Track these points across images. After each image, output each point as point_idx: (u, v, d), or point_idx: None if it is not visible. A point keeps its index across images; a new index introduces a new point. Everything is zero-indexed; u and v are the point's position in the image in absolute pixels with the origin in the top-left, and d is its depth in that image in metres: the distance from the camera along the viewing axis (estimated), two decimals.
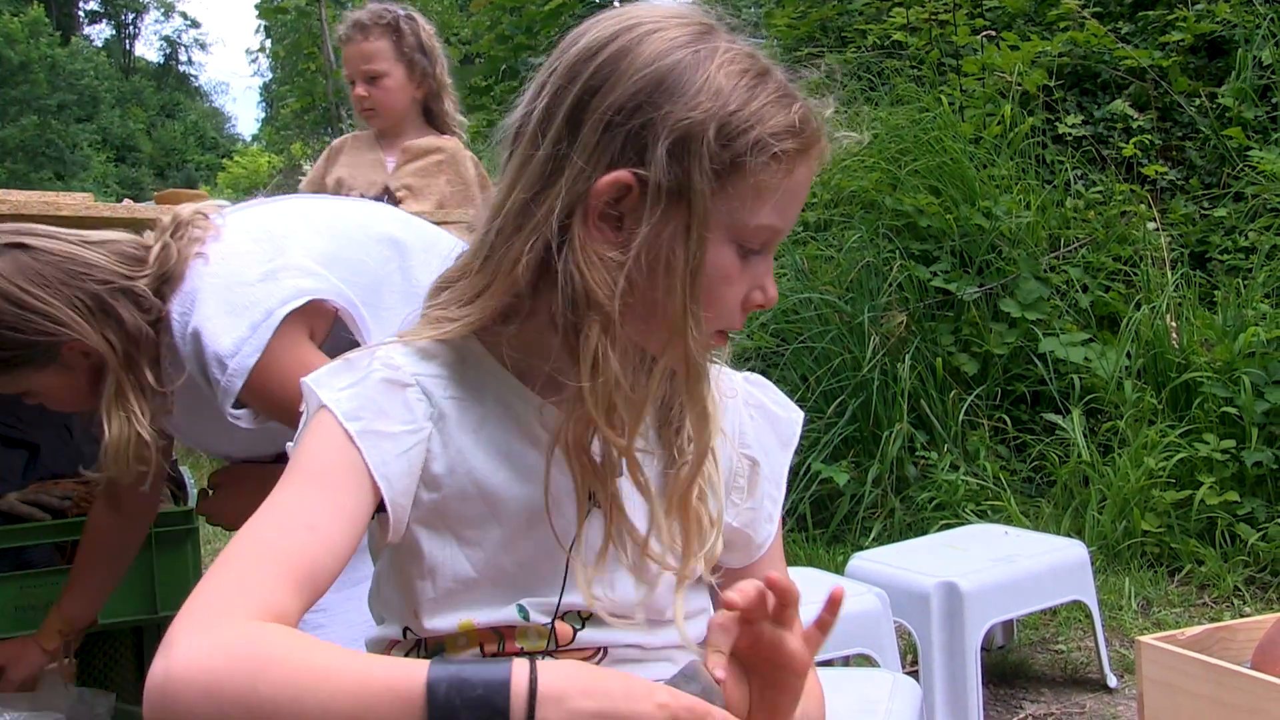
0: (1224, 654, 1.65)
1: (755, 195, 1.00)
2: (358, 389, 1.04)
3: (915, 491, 4.23)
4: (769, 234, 1.03)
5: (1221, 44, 5.61)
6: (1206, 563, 3.64)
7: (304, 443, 1.03)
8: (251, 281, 1.71)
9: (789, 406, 1.24)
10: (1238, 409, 3.90)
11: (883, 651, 2.49)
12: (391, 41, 3.17)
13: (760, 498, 1.19)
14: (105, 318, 1.69)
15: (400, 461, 1.03)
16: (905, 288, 4.68)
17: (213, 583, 0.91)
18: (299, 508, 0.98)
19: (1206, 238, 4.95)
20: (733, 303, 1.04)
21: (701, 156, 0.98)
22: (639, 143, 0.99)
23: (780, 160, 1.00)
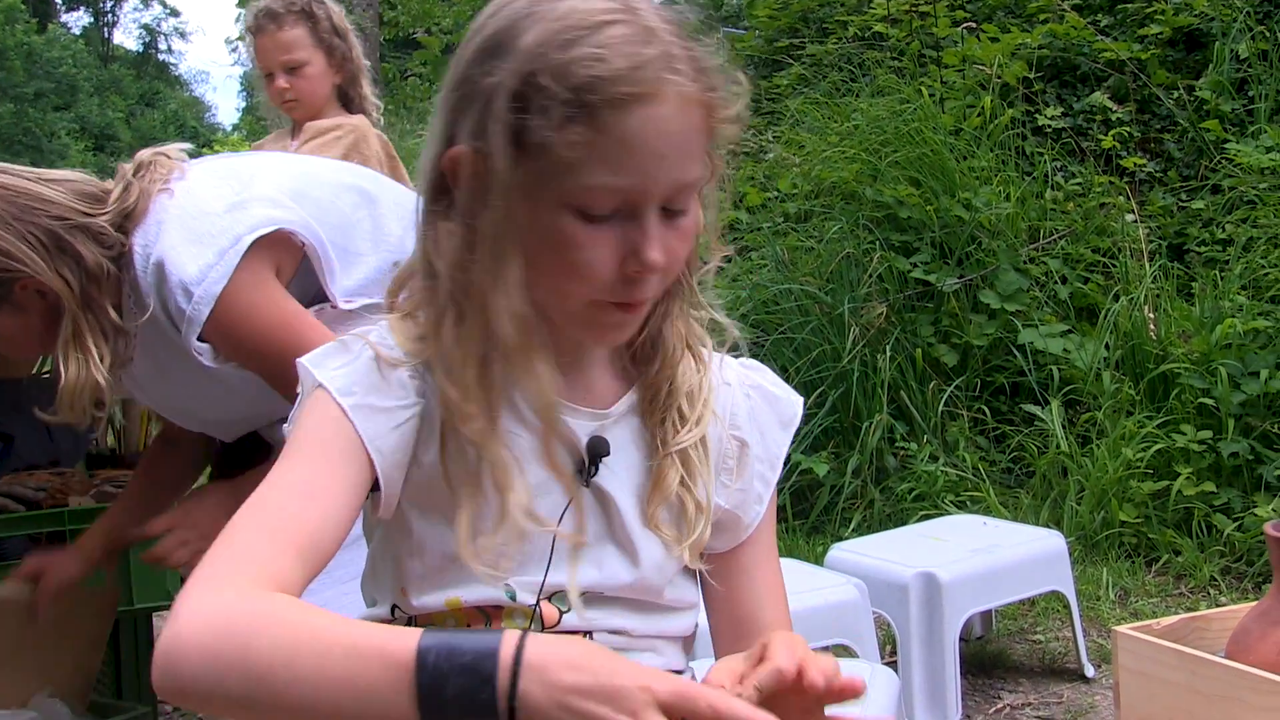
0: (1199, 643, 1.66)
1: (572, 156, 0.96)
2: (351, 367, 1.06)
3: (895, 482, 4.24)
4: (614, 195, 0.97)
5: (1199, 37, 5.63)
6: (1183, 553, 3.66)
7: (301, 421, 1.05)
8: (218, 211, 1.67)
9: (788, 390, 1.23)
10: (1214, 400, 3.93)
11: (861, 642, 2.50)
12: (308, 28, 2.98)
13: (750, 478, 1.18)
14: (62, 255, 1.63)
15: (393, 435, 1.05)
16: (885, 279, 4.69)
17: (217, 554, 0.94)
18: (298, 478, 1.01)
19: (1184, 230, 4.98)
20: (600, 270, 0.99)
21: (499, 122, 0.97)
22: (460, 115, 1.01)
23: (591, 115, 0.95)
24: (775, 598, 1.20)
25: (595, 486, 1.11)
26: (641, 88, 0.95)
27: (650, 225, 0.99)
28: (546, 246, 1.00)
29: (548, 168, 0.97)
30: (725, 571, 1.18)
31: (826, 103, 5.75)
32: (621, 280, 1.00)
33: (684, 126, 0.98)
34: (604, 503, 1.11)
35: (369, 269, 1.83)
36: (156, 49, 49.14)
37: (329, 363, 1.06)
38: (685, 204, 1.02)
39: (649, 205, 0.99)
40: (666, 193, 0.99)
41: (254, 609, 0.88)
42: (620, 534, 1.11)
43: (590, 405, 1.12)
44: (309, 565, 0.96)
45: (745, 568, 1.19)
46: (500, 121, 0.97)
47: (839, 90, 5.88)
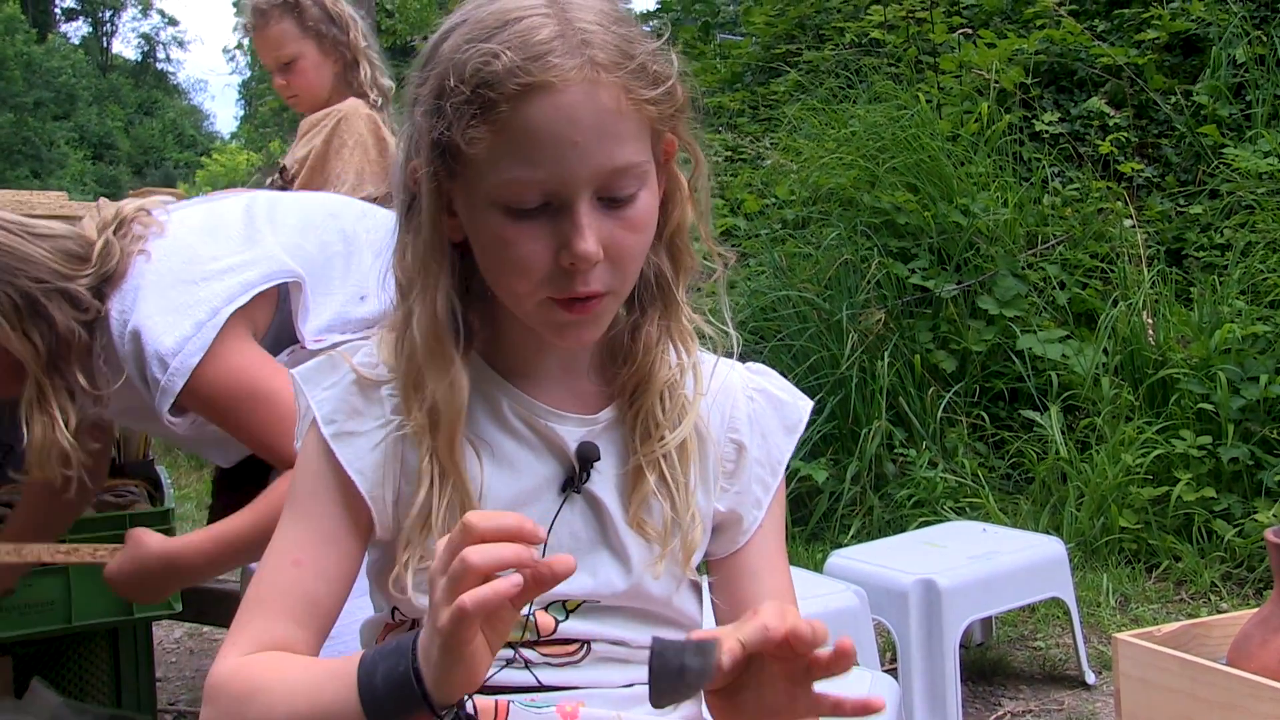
0: (1200, 650, 1.66)
1: (484, 155, 0.97)
2: (334, 391, 1.11)
3: (894, 489, 4.23)
4: (533, 188, 0.98)
5: (1196, 42, 5.64)
6: (1183, 559, 3.65)
7: (296, 465, 1.13)
8: (195, 279, 1.68)
9: (796, 394, 1.22)
10: (1214, 405, 3.93)
11: (861, 649, 2.49)
12: (294, 20, 2.94)
13: (748, 481, 1.17)
14: (35, 318, 1.64)
15: (374, 455, 1.09)
16: (883, 285, 4.69)
17: (232, 628, 1.06)
18: (287, 545, 1.09)
19: (1182, 234, 4.98)
20: (535, 264, 0.99)
21: (421, 132, 1.01)
22: (409, 130, 1.05)
23: (483, 113, 0.96)
24: (784, 602, 1.18)
25: (587, 492, 1.11)
26: (538, 77, 0.95)
27: (580, 215, 0.98)
28: (486, 247, 1.02)
29: (469, 170, 0.99)
30: (729, 575, 1.18)
31: (824, 109, 5.76)
32: (560, 274, 1.00)
33: (596, 110, 0.97)
34: (596, 509, 1.11)
35: (338, 304, 1.85)
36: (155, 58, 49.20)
37: (320, 380, 1.11)
38: (625, 191, 1.01)
39: (576, 194, 0.98)
40: (593, 180, 0.98)
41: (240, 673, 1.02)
42: (613, 540, 1.11)
43: (579, 412, 1.12)
44: (311, 623, 1.06)
45: (752, 571, 1.18)
46: (421, 131, 1.01)
47: (836, 97, 5.89)
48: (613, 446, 1.12)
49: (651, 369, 1.11)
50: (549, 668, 1.09)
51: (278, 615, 1.05)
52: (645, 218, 1.04)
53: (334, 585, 1.08)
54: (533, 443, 1.11)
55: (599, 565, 1.10)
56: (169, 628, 3.66)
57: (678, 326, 1.13)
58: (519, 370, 1.12)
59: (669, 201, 1.10)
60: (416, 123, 1.03)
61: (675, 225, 1.11)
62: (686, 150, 1.10)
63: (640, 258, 1.06)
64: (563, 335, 1.06)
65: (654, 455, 1.10)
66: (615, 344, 1.13)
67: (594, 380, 1.14)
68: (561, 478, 1.10)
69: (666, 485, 1.11)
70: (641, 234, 1.04)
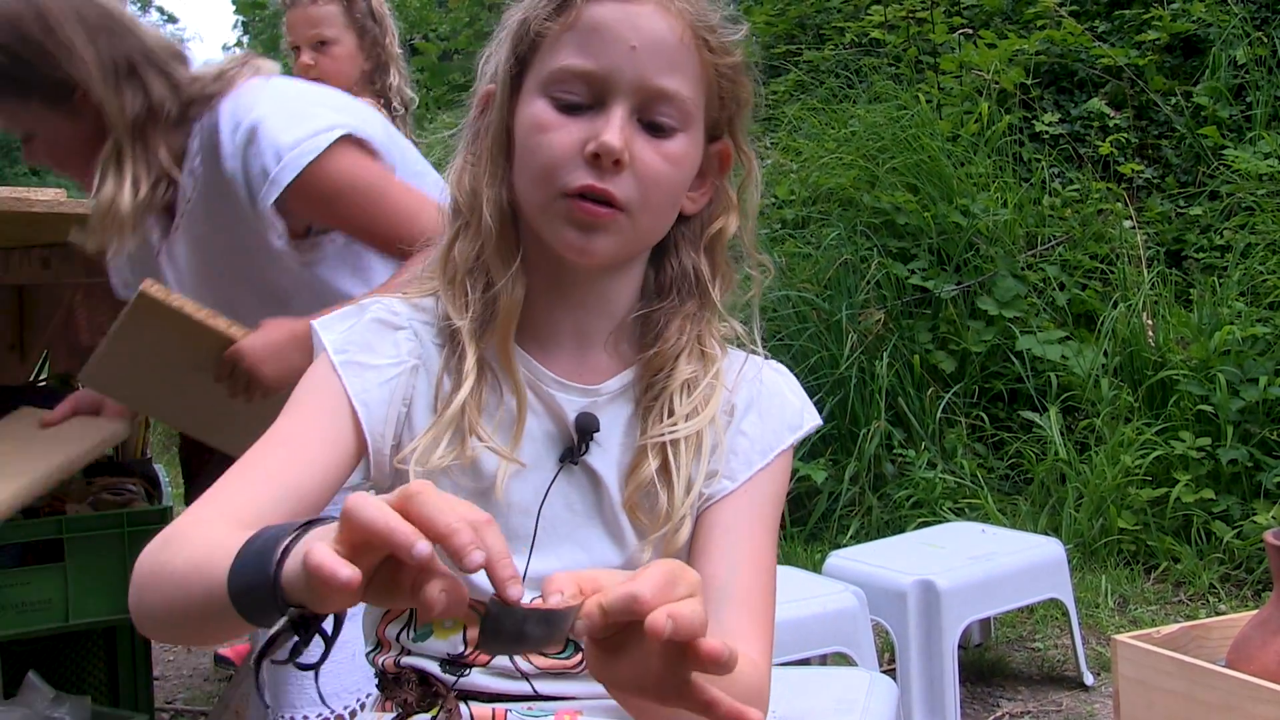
0: (1199, 652, 1.65)
1: (550, 43, 1.05)
2: (351, 328, 1.10)
3: (893, 489, 4.23)
4: (575, 77, 1.03)
5: (1196, 43, 5.64)
6: (1182, 560, 3.65)
7: (301, 381, 1.10)
8: (314, 102, 1.75)
9: (808, 404, 1.20)
10: (1213, 407, 3.92)
11: (860, 650, 2.49)
12: (342, 6, 2.95)
13: (727, 451, 1.12)
14: (131, 81, 1.69)
15: (380, 390, 1.08)
16: (883, 285, 4.69)
17: (205, 495, 1.01)
18: (278, 430, 1.06)
19: (1182, 236, 4.98)
20: (563, 148, 1.03)
21: (506, 30, 1.08)
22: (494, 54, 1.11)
23: (562, 6, 1.04)
24: (751, 573, 1.10)
25: (585, 465, 1.10)
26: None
27: (615, 114, 1.03)
28: (525, 137, 1.06)
29: (535, 59, 1.06)
30: (701, 533, 1.11)
31: (824, 109, 5.75)
32: (583, 165, 1.03)
33: (660, 29, 1.04)
34: (594, 481, 1.10)
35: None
36: None
37: (337, 325, 1.11)
38: (666, 119, 1.05)
39: (617, 95, 1.03)
40: (637, 89, 1.03)
41: (168, 531, 0.97)
42: (608, 514, 1.10)
43: (582, 382, 1.11)
44: (288, 506, 1.00)
45: (726, 528, 1.11)
46: (507, 29, 1.08)
47: (836, 97, 5.88)
48: (616, 421, 1.11)
49: (676, 359, 1.11)
50: (546, 678, 1.08)
51: (255, 492, 1.00)
52: (679, 156, 1.07)
53: (319, 481, 1.03)
54: (534, 408, 1.10)
55: (592, 540, 1.10)
56: None
57: (710, 328, 1.14)
58: (532, 333, 1.11)
59: (714, 206, 1.14)
60: (504, 34, 1.09)
61: (717, 230, 1.14)
62: (740, 157, 1.14)
63: (665, 194, 1.07)
64: (572, 241, 1.04)
65: (661, 440, 1.08)
66: (644, 324, 1.13)
67: (611, 355, 1.13)
68: (560, 447, 1.10)
69: (666, 474, 1.09)
70: (672, 168, 1.06)
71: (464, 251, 1.10)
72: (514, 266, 1.08)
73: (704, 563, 1.09)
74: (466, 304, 1.08)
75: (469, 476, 1.07)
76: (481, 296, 1.08)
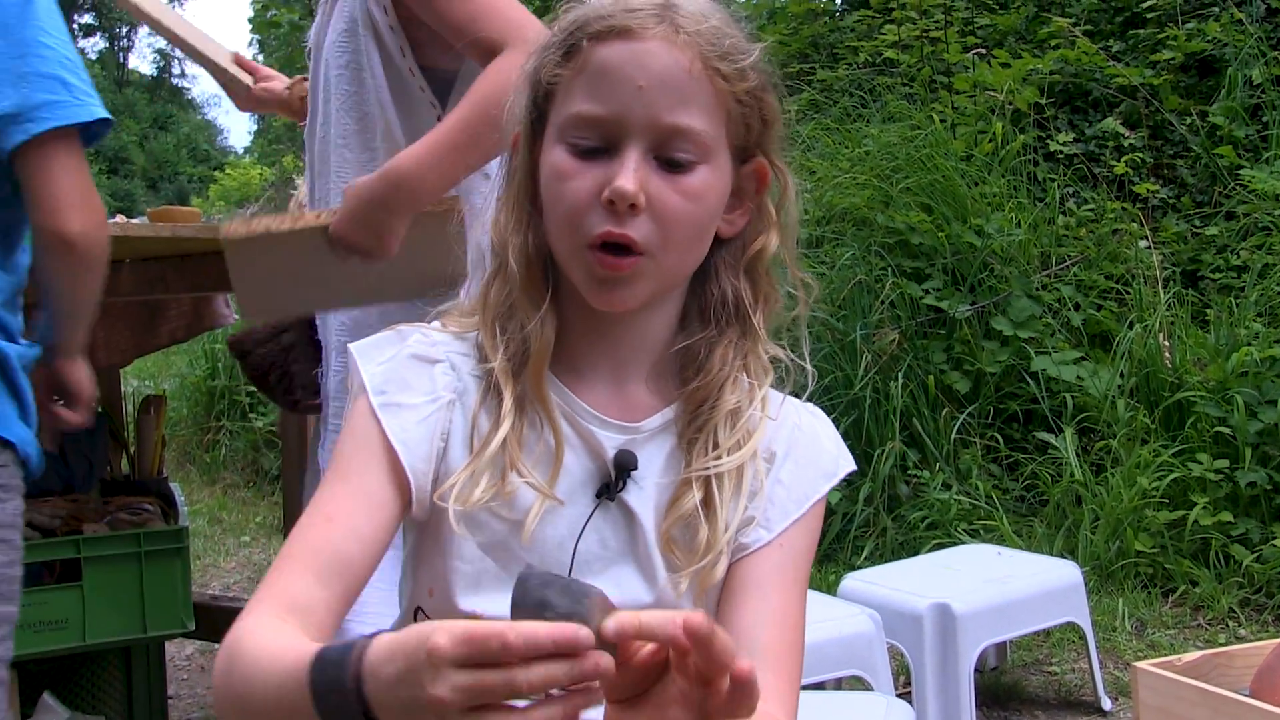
0: (1222, 681, 1.64)
1: (563, 90, 1.06)
2: (390, 364, 1.10)
3: (907, 510, 4.22)
4: (587, 123, 1.04)
5: (1212, 62, 5.63)
6: (1201, 584, 3.63)
7: (342, 432, 1.11)
8: None
9: (843, 449, 1.19)
10: (1231, 429, 3.90)
11: (875, 673, 2.47)
12: None
13: (764, 500, 1.11)
14: None
15: (419, 429, 1.08)
16: (897, 305, 4.68)
17: (263, 580, 1.02)
18: (321, 503, 1.06)
19: (1198, 256, 4.96)
20: (580, 197, 1.03)
21: (526, 78, 1.10)
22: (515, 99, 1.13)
23: (570, 52, 1.05)
24: (780, 628, 1.09)
25: (621, 502, 1.09)
26: (620, 22, 1.04)
27: (628, 158, 1.03)
28: (547, 185, 1.07)
29: (550, 105, 1.07)
30: (732, 584, 1.11)
31: (837, 128, 5.75)
32: (601, 212, 1.03)
33: (668, 64, 1.03)
34: (628, 518, 1.09)
35: None
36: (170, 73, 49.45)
37: (376, 355, 1.11)
38: (683, 154, 1.04)
39: (629, 138, 1.03)
40: (649, 129, 1.03)
41: (231, 641, 0.96)
42: (641, 551, 1.09)
43: (624, 419, 1.11)
44: (336, 582, 1.01)
45: (758, 582, 1.10)
46: (525, 75, 1.10)
47: (850, 116, 5.89)
48: (655, 458, 1.11)
49: (720, 389, 1.10)
50: None
51: (302, 572, 1.01)
52: (700, 190, 1.05)
53: (366, 545, 1.04)
54: (572, 443, 1.09)
55: (624, 578, 1.09)
56: (180, 645, 3.65)
57: (754, 355, 1.13)
58: (571, 367, 1.11)
59: (753, 226, 1.13)
60: (519, 85, 1.11)
61: (756, 251, 1.13)
62: (776, 173, 1.13)
63: (688, 231, 1.06)
64: (599, 294, 1.06)
65: (706, 474, 1.08)
66: (685, 356, 1.12)
67: (650, 389, 1.13)
68: (597, 483, 1.09)
69: (709, 507, 1.08)
70: (693, 204, 1.05)
71: (497, 296, 1.11)
72: (542, 309, 1.08)
73: (734, 619, 1.09)
74: (500, 345, 1.09)
75: (505, 509, 1.07)
76: (516, 336, 1.09)
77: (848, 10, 7.54)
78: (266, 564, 2.54)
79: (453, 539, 1.07)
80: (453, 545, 1.08)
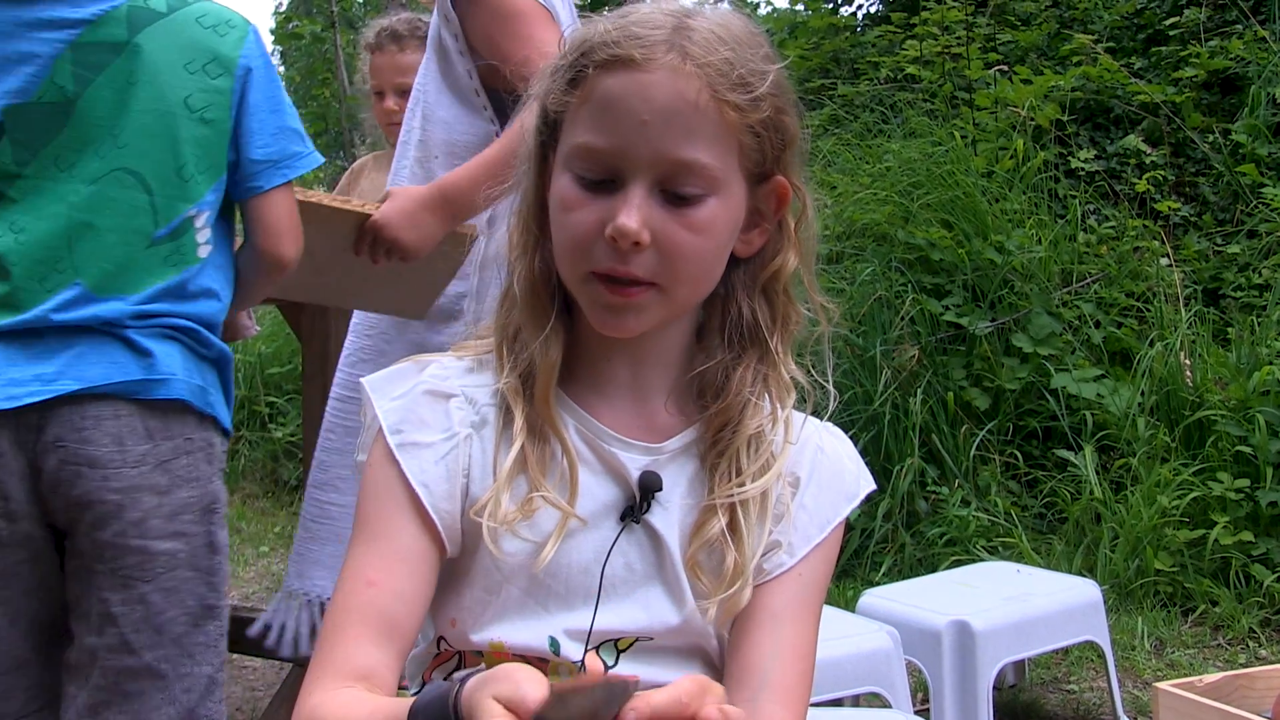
0: (1243, 703, 1.63)
1: (570, 119, 1.05)
2: (404, 401, 1.09)
3: (926, 526, 4.20)
4: (593, 156, 1.02)
5: (1235, 80, 5.61)
6: (1221, 603, 3.60)
7: (363, 482, 1.10)
8: None
9: (863, 470, 1.19)
10: (1252, 448, 3.88)
11: (894, 690, 2.46)
12: None
13: (789, 525, 1.12)
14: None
15: (438, 468, 1.07)
16: (917, 321, 4.67)
17: (316, 653, 1.05)
18: (359, 567, 1.06)
19: (1220, 274, 4.94)
20: (584, 230, 1.03)
21: (534, 98, 1.09)
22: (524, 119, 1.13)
23: (576, 80, 1.03)
24: (792, 661, 1.10)
25: (646, 523, 1.09)
26: (626, 51, 1.00)
27: (632, 194, 1.01)
28: (554, 212, 1.06)
29: (556, 132, 1.06)
30: (750, 612, 1.11)
31: (858, 144, 5.76)
32: (604, 247, 1.02)
33: (672, 97, 1.00)
34: (654, 541, 1.09)
35: None
36: None
37: (389, 390, 1.10)
38: (688, 189, 1.02)
39: (634, 173, 1.01)
40: (654, 164, 1.01)
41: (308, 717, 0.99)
42: (669, 573, 1.09)
43: (645, 439, 1.10)
44: (391, 643, 1.03)
45: (774, 613, 1.11)
46: (533, 97, 1.09)
47: (871, 132, 5.89)
48: (679, 479, 1.10)
49: (742, 412, 1.09)
50: None
51: (357, 640, 1.03)
52: (707, 223, 1.03)
53: (410, 604, 1.05)
54: (594, 466, 1.09)
55: (651, 600, 1.08)
56: None
57: (775, 376, 1.12)
58: (590, 388, 1.11)
59: (770, 246, 1.11)
60: (528, 105, 1.11)
61: (773, 271, 1.11)
62: (795, 193, 1.10)
63: (698, 265, 1.05)
64: (603, 320, 1.06)
65: (730, 501, 1.08)
66: (705, 379, 1.11)
67: (671, 410, 1.12)
68: (621, 505, 1.09)
69: (735, 532, 1.08)
70: (700, 237, 1.03)
71: (505, 318, 1.12)
72: (545, 331, 1.07)
73: (748, 650, 1.10)
74: (508, 366, 1.09)
75: (528, 529, 1.06)
76: (523, 358, 1.09)
77: (869, 26, 7.55)
78: (285, 574, 2.56)
79: (474, 570, 1.08)
80: (476, 576, 1.08)
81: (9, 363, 1.61)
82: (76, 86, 1.65)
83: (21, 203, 1.64)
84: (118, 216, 1.67)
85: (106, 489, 1.64)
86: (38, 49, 1.66)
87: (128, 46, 1.68)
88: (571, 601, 1.07)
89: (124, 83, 1.67)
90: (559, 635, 1.07)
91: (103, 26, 1.67)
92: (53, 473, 1.63)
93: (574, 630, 1.07)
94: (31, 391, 1.60)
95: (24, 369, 1.62)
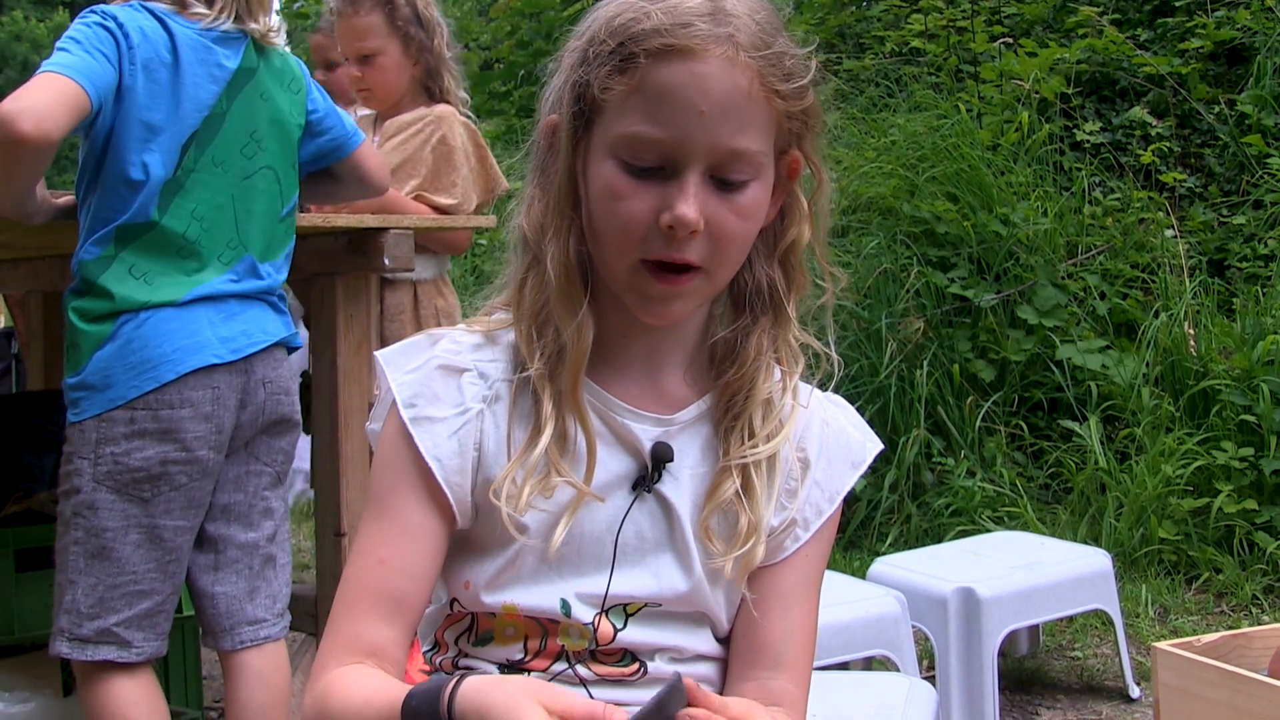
0: (1241, 661, 1.66)
1: (615, 105, 1.02)
2: (417, 374, 1.11)
3: (932, 498, 4.24)
4: (645, 145, 1.01)
5: (1241, 51, 5.60)
6: (1224, 571, 3.64)
7: (376, 457, 1.13)
8: None
9: (868, 433, 1.22)
10: (1256, 417, 3.90)
11: (901, 655, 2.50)
12: (384, 15, 2.94)
13: (803, 501, 1.15)
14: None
15: (451, 442, 1.09)
16: (922, 294, 4.69)
17: (327, 632, 1.09)
18: (371, 543, 1.10)
19: (1225, 245, 4.95)
20: (637, 220, 1.02)
21: (565, 80, 1.07)
22: (552, 88, 1.10)
23: (624, 67, 1.01)
24: (802, 639, 1.16)
25: (657, 493, 1.11)
26: (680, 41, 1.00)
27: (689, 183, 1.01)
28: (597, 199, 1.05)
29: (600, 118, 1.04)
30: (762, 591, 1.15)
31: (864, 118, 5.75)
32: (658, 235, 1.02)
33: (728, 87, 1.00)
34: (665, 509, 1.11)
35: None
36: None
37: (403, 364, 1.12)
38: (738, 176, 1.03)
39: (689, 163, 1.01)
40: (709, 153, 1.01)
41: (319, 696, 1.05)
42: (678, 541, 1.11)
43: (658, 411, 1.12)
44: (401, 619, 1.08)
45: (784, 594, 1.15)
46: (566, 79, 1.06)
47: (876, 106, 5.89)
48: (690, 449, 1.13)
49: (754, 378, 1.12)
50: (604, 685, 1.10)
51: (366, 617, 1.07)
52: (753, 208, 1.06)
53: (419, 581, 1.08)
54: (607, 439, 1.11)
55: (662, 567, 1.11)
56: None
57: (785, 341, 1.14)
58: (605, 360, 1.12)
59: (787, 217, 1.13)
60: (563, 76, 1.08)
61: (790, 242, 1.13)
62: (811, 168, 1.12)
63: (740, 247, 1.07)
64: (649, 308, 1.07)
65: (744, 462, 1.10)
66: (719, 347, 1.14)
67: (684, 381, 1.14)
68: (633, 475, 1.11)
69: (749, 493, 1.10)
70: (746, 222, 1.05)
71: (533, 298, 1.10)
72: (579, 316, 1.07)
73: (761, 632, 1.14)
74: (537, 350, 1.09)
75: (545, 504, 1.09)
76: (552, 342, 1.09)
77: (874, 0, 7.52)
78: (297, 580, 2.60)
79: (489, 538, 1.10)
80: (490, 544, 1.11)
81: (221, 321, 2.05)
82: (227, 103, 2.08)
83: (194, 193, 2.04)
84: (264, 202, 2.13)
85: (294, 411, 2.21)
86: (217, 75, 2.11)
87: (256, 71, 2.12)
88: (584, 568, 1.10)
89: (257, 98, 2.12)
90: (570, 598, 1.10)
91: (244, 55, 2.11)
92: (260, 404, 2.11)
93: (585, 594, 1.10)
94: (252, 343, 2.08)
95: (229, 327, 2.06)
